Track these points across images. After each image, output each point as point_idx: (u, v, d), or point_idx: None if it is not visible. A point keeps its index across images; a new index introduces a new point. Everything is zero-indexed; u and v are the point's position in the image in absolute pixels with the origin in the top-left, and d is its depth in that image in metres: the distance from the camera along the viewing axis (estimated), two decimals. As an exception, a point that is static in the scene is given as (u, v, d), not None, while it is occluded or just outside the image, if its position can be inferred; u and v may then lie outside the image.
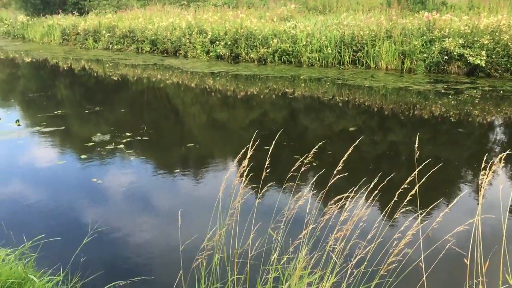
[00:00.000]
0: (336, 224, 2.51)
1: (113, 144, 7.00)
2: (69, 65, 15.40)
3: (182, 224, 2.94)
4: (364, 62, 13.13)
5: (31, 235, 3.52)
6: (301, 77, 12.19)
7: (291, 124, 8.52)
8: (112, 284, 3.04)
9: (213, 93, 11.04)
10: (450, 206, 2.28)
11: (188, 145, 7.08)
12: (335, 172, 2.74)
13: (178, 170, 6.15)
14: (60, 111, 9.18)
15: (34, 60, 16.67)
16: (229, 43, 14.74)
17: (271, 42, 14.14)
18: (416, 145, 2.56)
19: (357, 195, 2.68)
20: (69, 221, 4.66)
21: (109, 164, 6.30)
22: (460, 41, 11.78)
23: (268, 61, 14.22)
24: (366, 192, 2.64)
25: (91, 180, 5.63)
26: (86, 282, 3.22)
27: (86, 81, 13.16)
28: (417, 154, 2.45)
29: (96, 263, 3.69)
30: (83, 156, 6.55)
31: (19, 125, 8.16)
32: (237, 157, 2.99)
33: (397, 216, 3.27)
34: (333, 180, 2.78)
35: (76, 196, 5.31)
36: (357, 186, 2.97)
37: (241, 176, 2.84)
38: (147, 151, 6.91)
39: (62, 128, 8.02)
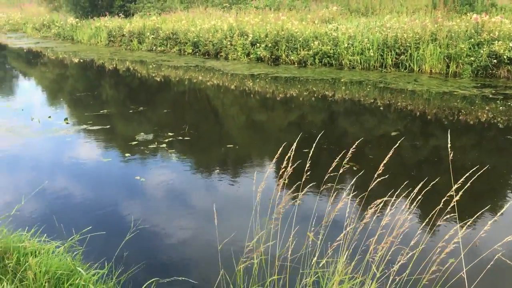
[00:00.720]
0: (377, 229, 2.48)
1: (155, 143, 7.19)
2: (114, 66, 15.92)
3: (222, 224, 2.99)
4: (407, 65, 12.83)
5: (78, 229, 3.68)
6: (342, 80, 12.07)
7: (330, 127, 8.45)
8: (154, 279, 3.13)
9: (252, 95, 11.12)
10: (498, 214, 2.20)
11: (227, 146, 7.17)
12: (375, 176, 2.71)
13: (218, 171, 6.24)
14: (105, 111, 9.52)
15: (81, 60, 17.34)
16: (269, 45, 14.79)
17: (312, 44, 14.07)
18: (449, 145, 2.49)
19: (399, 201, 2.64)
20: (114, 217, 4.83)
21: (152, 162, 6.47)
22: (511, 44, 11.31)
23: (309, 64, 14.16)
24: (408, 198, 2.60)
25: (135, 178, 5.81)
26: (129, 276, 3.33)
27: (130, 82, 13.56)
28: (454, 158, 2.39)
29: (138, 258, 3.81)
30: (127, 155, 6.77)
31: (67, 123, 8.53)
32: (276, 159, 3.02)
33: (441, 223, 3.19)
34: (373, 185, 2.75)
35: (120, 193, 5.50)
36: (398, 191, 2.92)
37: (281, 178, 2.86)
38: (188, 151, 7.05)
39: (108, 127, 8.32)
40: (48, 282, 2.98)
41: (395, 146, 2.91)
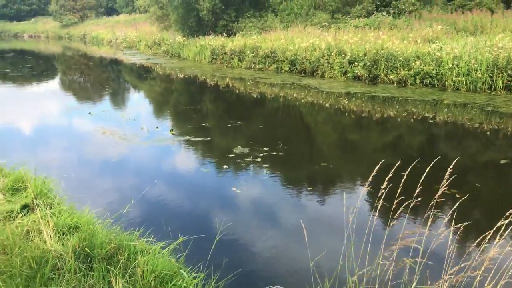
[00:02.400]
0: (483, 261, 2.35)
1: (251, 157, 7.45)
2: (215, 82, 16.78)
3: (312, 241, 3.03)
4: (521, 88, 11.81)
5: (179, 233, 3.96)
6: (444, 102, 11.46)
7: (429, 151, 8.07)
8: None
9: (347, 114, 11.01)
10: None
11: (321, 164, 7.18)
12: (481, 206, 2.57)
13: (311, 188, 6.28)
14: (206, 124, 10.08)
15: (186, 76, 18.53)
16: (368, 64, 14.57)
17: (413, 64, 13.59)
18: None
19: (507, 233, 2.47)
20: (211, 224, 5.10)
21: (248, 175, 6.72)
22: None
23: (409, 84, 13.67)
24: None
25: (232, 189, 6.09)
26: (227, 283, 3.49)
27: (229, 97, 14.19)
28: None
29: (233, 266, 3.97)
30: (225, 166, 7.11)
31: (173, 133, 9.19)
32: (370, 181, 3.00)
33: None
34: (477, 214, 2.62)
35: (218, 203, 5.80)
36: (506, 223, 2.73)
37: (376, 200, 2.84)
38: (283, 166, 7.19)
39: (208, 139, 8.80)
40: (154, 281, 3.25)
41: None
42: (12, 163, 6.31)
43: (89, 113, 11.64)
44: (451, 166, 2.98)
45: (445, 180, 2.79)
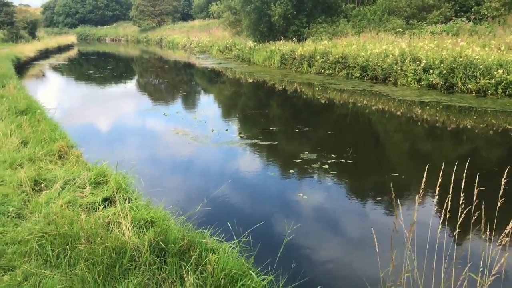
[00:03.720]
0: None
1: (318, 163, 7.42)
2: (283, 87, 16.88)
3: (375, 251, 2.98)
4: None
5: (249, 234, 4.05)
6: (530, 114, 10.69)
7: (508, 165, 7.55)
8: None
9: (420, 123, 10.60)
10: None
11: (392, 174, 6.99)
12: None
13: (380, 198, 6.13)
14: (274, 128, 10.18)
15: (255, 81, 18.82)
16: (444, 72, 13.93)
17: (495, 72, 12.79)
18: None
19: None
20: (278, 228, 5.15)
21: (314, 182, 6.70)
22: None
23: (489, 93, 12.89)
24: None
25: (298, 194, 6.11)
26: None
27: (297, 102, 14.21)
28: None
29: (299, 272, 4.00)
30: (291, 171, 7.14)
31: (241, 137, 9.39)
32: (442, 194, 2.90)
33: None
34: None
35: (285, 207, 5.85)
36: None
37: (445, 215, 2.74)
38: (351, 175, 7.09)
39: (275, 143, 8.88)
40: (224, 279, 3.36)
41: None
42: (94, 158, 6.80)
43: (164, 114, 12.21)
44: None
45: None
